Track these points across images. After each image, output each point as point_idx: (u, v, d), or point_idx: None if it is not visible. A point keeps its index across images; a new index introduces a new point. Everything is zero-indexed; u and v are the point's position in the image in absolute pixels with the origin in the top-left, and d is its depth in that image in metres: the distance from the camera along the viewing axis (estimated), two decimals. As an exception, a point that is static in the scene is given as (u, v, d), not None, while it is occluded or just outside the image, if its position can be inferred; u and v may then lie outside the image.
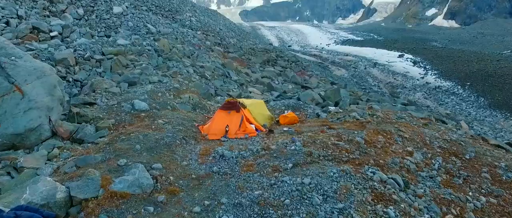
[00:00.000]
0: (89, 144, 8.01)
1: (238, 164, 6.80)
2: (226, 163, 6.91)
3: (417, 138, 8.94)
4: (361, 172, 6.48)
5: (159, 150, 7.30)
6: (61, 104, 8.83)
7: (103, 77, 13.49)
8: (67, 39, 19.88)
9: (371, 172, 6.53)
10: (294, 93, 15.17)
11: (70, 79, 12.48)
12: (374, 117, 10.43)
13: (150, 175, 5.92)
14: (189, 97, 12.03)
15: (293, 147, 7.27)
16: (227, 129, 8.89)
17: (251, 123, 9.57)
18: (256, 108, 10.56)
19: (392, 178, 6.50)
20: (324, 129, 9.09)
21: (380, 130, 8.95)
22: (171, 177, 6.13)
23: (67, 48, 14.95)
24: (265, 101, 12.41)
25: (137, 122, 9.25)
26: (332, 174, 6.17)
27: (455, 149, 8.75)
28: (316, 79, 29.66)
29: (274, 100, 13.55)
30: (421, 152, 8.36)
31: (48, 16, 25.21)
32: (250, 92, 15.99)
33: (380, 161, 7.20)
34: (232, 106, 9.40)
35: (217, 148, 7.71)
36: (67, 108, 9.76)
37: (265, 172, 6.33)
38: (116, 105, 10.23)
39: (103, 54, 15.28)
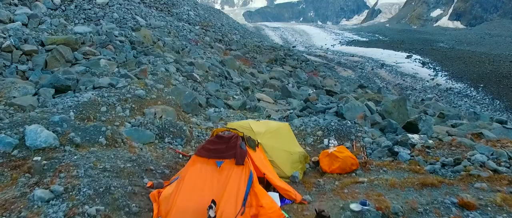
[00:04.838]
0: None
1: None
2: None
3: None
4: None
5: None
6: None
7: (27, 78, 7.89)
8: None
9: None
10: (327, 104, 9.11)
11: (-45, 82, 6.87)
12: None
13: None
14: (155, 114, 6.36)
15: None
16: (211, 213, 3.23)
17: (270, 184, 3.94)
18: (277, 141, 4.96)
19: None
20: (448, 204, 3.46)
21: None
22: None
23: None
24: (285, 118, 6.80)
25: (-1, 187, 3.62)
26: None
27: None
28: (331, 80, 23.95)
29: (299, 115, 7.79)
30: None
31: (16, 5, 19.79)
32: (259, 100, 10.28)
33: None
34: (227, 148, 3.73)
35: None
36: None
37: None
38: (-13, 137, 4.60)
39: (42, 44, 9.64)
